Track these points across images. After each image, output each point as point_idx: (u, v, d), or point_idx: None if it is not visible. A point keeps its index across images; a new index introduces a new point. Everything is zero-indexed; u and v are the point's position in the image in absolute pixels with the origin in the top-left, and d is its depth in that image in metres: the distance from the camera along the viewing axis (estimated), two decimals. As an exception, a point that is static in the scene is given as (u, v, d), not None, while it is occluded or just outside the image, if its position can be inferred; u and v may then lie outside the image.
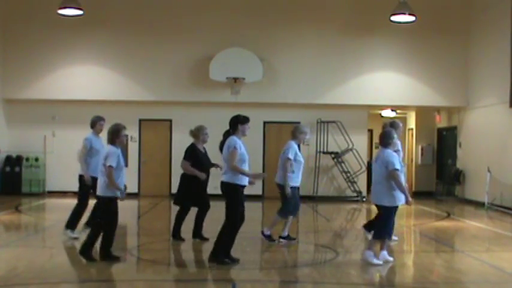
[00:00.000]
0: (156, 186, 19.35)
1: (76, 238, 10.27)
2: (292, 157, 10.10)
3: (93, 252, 8.67)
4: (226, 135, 8.69)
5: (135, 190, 18.86)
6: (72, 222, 10.45)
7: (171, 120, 19.58)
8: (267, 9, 18.97)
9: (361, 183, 19.51)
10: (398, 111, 21.62)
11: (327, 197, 19.30)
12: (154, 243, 10.68)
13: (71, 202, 11.18)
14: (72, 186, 17.86)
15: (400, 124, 10.50)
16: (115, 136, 8.59)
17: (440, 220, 14.65)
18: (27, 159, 19.05)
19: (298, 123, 14.85)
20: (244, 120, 8.65)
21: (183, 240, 10.42)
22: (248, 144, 8.84)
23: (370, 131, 22.38)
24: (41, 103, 19.09)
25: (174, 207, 10.74)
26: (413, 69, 19.07)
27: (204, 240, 10.39)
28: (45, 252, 9.88)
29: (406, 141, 22.04)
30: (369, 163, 20.75)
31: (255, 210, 16.13)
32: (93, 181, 9.79)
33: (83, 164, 10.29)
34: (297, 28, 18.91)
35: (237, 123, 8.60)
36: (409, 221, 14.23)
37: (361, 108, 19.58)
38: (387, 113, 21.51)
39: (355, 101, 19.04)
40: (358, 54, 18.97)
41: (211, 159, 10.65)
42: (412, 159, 22.08)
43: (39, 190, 19.00)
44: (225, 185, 8.49)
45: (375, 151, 23.14)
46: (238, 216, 8.47)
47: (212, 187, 10.49)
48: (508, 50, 16.32)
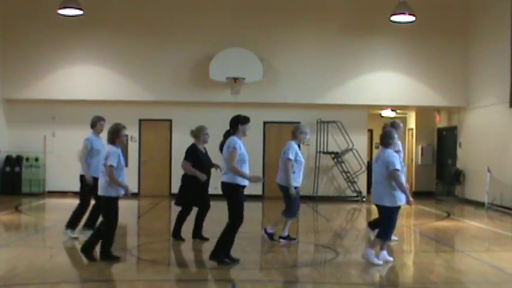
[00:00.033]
0: (156, 186, 19.35)
1: (76, 238, 10.28)
2: (292, 157, 10.07)
3: (94, 252, 8.68)
4: (227, 135, 8.68)
5: (135, 190, 18.86)
6: (73, 222, 10.46)
7: (171, 120, 19.58)
8: (267, 9, 18.98)
9: (361, 183, 19.51)
10: (398, 111, 21.62)
11: (327, 197, 19.30)
12: (154, 243, 10.68)
13: (71, 202, 11.20)
14: (72, 186, 18.01)
15: (401, 124, 10.48)
16: (115, 136, 8.60)
17: (440, 220, 14.65)
18: (27, 159, 19.05)
19: (298, 123, 14.84)
20: (245, 120, 8.64)
21: (183, 240, 10.42)
22: (248, 144, 8.84)
23: (370, 131, 22.38)
24: (41, 103, 19.09)
25: (174, 207, 10.74)
26: (413, 69, 19.07)
27: (204, 240, 10.39)
28: (45, 252, 9.87)
29: (406, 141, 22.03)
30: (369, 163, 20.74)
31: (255, 210, 16.14)
32: (94, 181, 9.78)
33: (84, 164, 10.28)
34: (297, 28, 18.92)
35: (238, 124, 8.59)
36: (409, 221, 14.22)
37: (361, 108, 19.58)
38: (387, 113, 21.50)
39: (355, 101, 19.05)
40: (358, 54, 18.98)
41: (212, 160, 10.65)
42: (412, 159, 22.08)
43: (39, 190, 19.00)
44: (225, 186, 8.49)
45: (375, 151, 23.13)
46: (241, 216, 8.48)
47: (212, 187, 10.49)
48: (508, 50, 16.32)
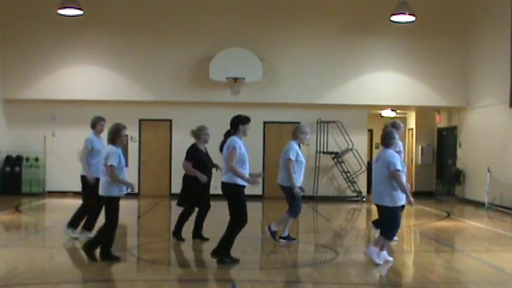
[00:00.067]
0: (156, 186, 19.35)
1: (76, 238, 10.28)
2: (293, 158, 10.06)
3: (95, 251, 8.70)
4: (227, 135, 8.68)
5: (135, 190, 18.81)
6: (74, 222, 10.42)
7: (171, 120, 19.58)
8: (267, 9, 18.98)
9: (361, 183, 19.51)
10: (398, 111, 21.62)
11: (327, 197, 19.30)
12: (154, 243, 10.68)
13: (71, 202, 11.22)
14: (72, 186, 18.12)
15: (402, 125, 10.48)
16: (115, 136, 8.61)
17: (440, 220, 14.65)
18: (27, 159, 19.05)
19: (298, 123, 14.84)
20: (245, 120, 8.64)
21: (183, 240, 10.42)
22: (248, 144, 8.83)
23: (370, 131, 22.38)
24: (41, 103, 19.09)
25: (174, 207, 10.73)
26: (413, 69, 19.07)
27: (204, 240, 10.39)
28: (45, 252, 9.87)
29: (406, 141, 22.03)
30: (369, 163, 20.73)
31: (255, 210, 16.14)
32: (95, 182, 9.73)
33: (85, 164, 10.26)
34: (297, 28, 18.91)
35: (238, 124, 8.58)
36: (409, 221, 14.21)
37: (361, 108, 19.58)
38: (387, 113, 21.50)
39: (355, 101, 19.04)
40: (358, 54, 18.98)
41: (212, 160, 10.64)
42: (412, 159, 22.08)
43: (39, 190, 19.00)
44: (225, 186, 8.49)
45: (375, 151, 23.13)
46: (245, 217, 8.47)
47: (212, 187, 10.47)
48: (508, 50, 16.31)
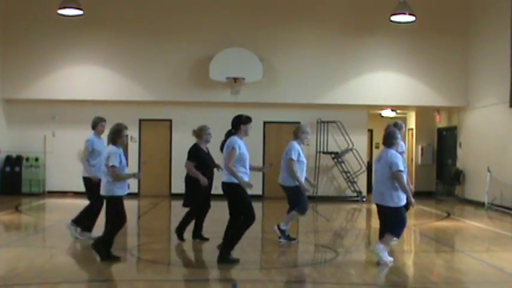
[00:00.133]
0: (156, 186, 19.34)
1: (77, 238, 10.27)
2: (295, 158, 10.07)
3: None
4: (228, 134, 8.69)
5: (135, 190, 18.85)
6: (79, 220, 10.39)
7: (171, 120, 19.58)
8: (267, 9, 18.98)
9: (361, 183, 19.51)
10: (398, 111, 21.61)
11: (327, 197, 19.29)
12: (154, 243, 10.68)
13: (71, 202, 11.21)
14: (72, 186, 18.17)
15: (403, 125, 10.49)
16: (116, 136, 8.62)
17: (440, 220, 14.65)
18: (27, 159, 19.05)
19: (298, 123, 14.85)
20: (247, 120, 8.66)
21: (183, 240, 10.41)
22: (248, 144, 8.83)
23: (370, 131, 22.37)
24: (41, 103, 19.09)
25: (174, 207, 10.76)
26: (413, 69, 19.07)
27: (204, 240, 10.39)
28: (45, 252, 9.88)
29: (406, 141, 22.03)
30: (369, 163, 20.74)
31: (255, 210, 16.07)
32: (98, 182, 9.67)
33: (86, 165, 10.23)
34: (297, 28, 18.91)
35: (240, 123, 8.60)
36: (409, 221, 14.18)
37: (361, 108, 19.58)
38: (387, 113, 21.49)
39: (355, 101, 19.04)
40: (358, 54, 18.98)
41: (214, 160, 10.63)
42: (412, 159, 22.07)
43: (39, 190, 19.00)
44: (225, 185, 8.51)
45: (375, 151, 23.14)
46: (251, 213, 8.54)
47: (213, 187, 10.47)
48: (508, 50, 16.31)
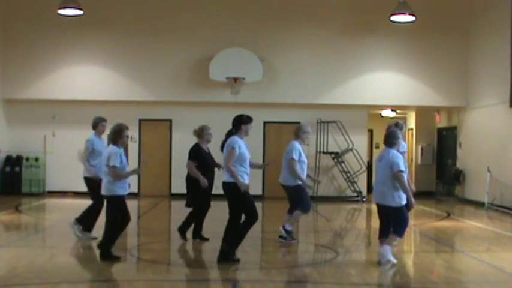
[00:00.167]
0: (156, 186, 19.33)
1: (79, 237, 10.26)
2: (296, 158, 10.10)
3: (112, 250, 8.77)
4: (229, 134, 8.69)
5: (135, 190, 18.85)
6: (82, 220, 10.40)
7: (171, 120, 19.58)
8: (266, 9, 18.97)
9: (361, 183, 19.51)
10: (398, 111, 21.61)
11: (327, 197, 19.28)
12: (154, 243, 10.68)
13: (71, 202, 11.21)
14: (72, 186, 18.17)
15: (404, 125, 10.49)
16: (117, 136, 8.62)
17: (440, 220, 14.65)
18: (27, 159, 19.04)
19: (298, 123, 14.83)
20: (248, 120, 8.66)
21: (186, 239, 10.40)
22: (248, 144, 8.83)
23: (370, 131, 22.37)
24: (41, 103, 19.09)
25: (174, 207, 10.75)
26: (413, 69, 19.06)
27: (204, 240, 10.39)
28: (45, 252, 9.88)
29: (406, 141, 22.00)
30: (369, 163, 20.75)
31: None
32: (99, 182, 9.65)
33: (86, 165, 10.22)
34: (297, 28, 18.90)
35: (240, 123, 8.60)
36: (410, 221, 14.19)
37: (361, 108, 19.57)
38: (387, 113, 21.49)
39: (355, 101, 19.03)
40: (358, 54, 18.97)
41: (215, 159, 10.62)
42: (412, 159, 22.07)
43: (39, 190, 18.99)
44: (226, 185, 8.51)
45: (375, 151, 23.15)
46: (254, 211, 8.54)
47: (214, 187, 10.46)
48: (508, 50, 16.31)
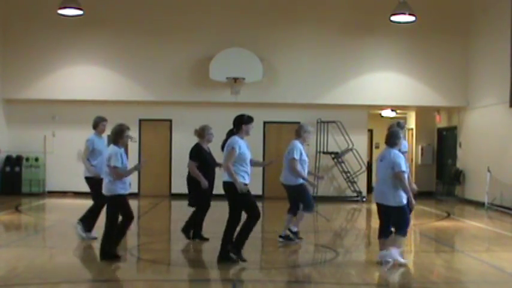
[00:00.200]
0: (156, 186, 19.33)
1: (83, 237, 10.26)
2: (297, 157, 10.11)
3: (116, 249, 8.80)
4: (230, 134, 8.69)
5: (135, 190, 18.84)
6: (86, 220, 10.41)
7: (171, 120, 19.58)
8: (267, 9, 18.98)
9: (361, 183, 19.50)
10: (398, 111, 21.61)
11: (327, 197, 19.28)
12: (154, 243, 10.68)
13: (71, 202, 11.20)
14: (72, 186, 18.19)
15: (405, 125, 10.50)
16: (118, 137, 8.64)
17: (440, 220, 14.65)
18: (27, 159, 19.04)
19: (298, 123, 14.81)
20: (249, 120, 8.67)
21: (190, 239, 10.40)
22: (248, 144, 8.83)
23: (370, 131, 22.37)
24: (41, 103, 19.08)
25: (174, 207, 10.75)
26: (413, 69, 19.06)
27: (203, 240, 10.39)
28: (45, 252, 9.88)
29: (406, 141, 22.00)
30: (369, 163, 20.75)
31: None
32: (98, 182, 9.58)
33: (87, 164, 10.22)
34: (296, 28, 18.90)
35: (241, 124, 8.60)
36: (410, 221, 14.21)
37: (361, 108, 19.57)
38: (387, 113, 21.49)
39: (355, 101, 19.03)
40: (358, 54, 18.97)
41: (215, 159, 10.62)
42: (412, 159, 22.07)
43: (39, 190, 18.99)
44: (226, 185, 8.52)
45: (375, 151, 23.15)
46: (256, 209, 8.59)
47: (215, 187, 10.45)
48: (508, 50, 16.30)
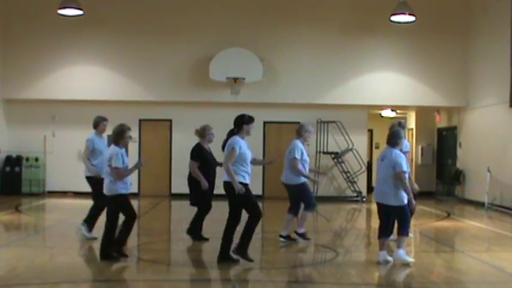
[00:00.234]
0: (156, 186, 19.33)
1: (87, 238, 10.23)
2: (298, 157, 10.14)
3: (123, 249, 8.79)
4: (230, 134, 8.69)
5: (135, 190, 18.83)
6: (90, 219, 10.39)
7: (171, 120, 19.58)
8: (266, 9, 18.97)
9: (361, 183, 19.50)
10: (398, 111, 21.61)
11: (327, 197, 19.27)
12: (154, 243, 10.68)
13: (71, 202, 11.19)
14: (72, 186, 18.20)
15: (406, 125, 10.52)
16: (119, 137, 8.65)
17: (440, 220, 14.65)
18: (27, 159, 19.04)
19: (298, 123, 14.82)
20: (249, 120, 8.67)
21: (196, 240, 10.39)
22: (248, 144, 8.83)
23: (370, 131, 22.37)
24: (41, 103, 19.08)
25: (174, 207, 10.74)
26: (413, 69, 19.06)
27: (203, 240, 10.39)
28: (45, 252, 9.88)
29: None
30: (369, 163, 20.74)
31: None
32: (100, 182, 9.53)
33: (87, 164, 10.22)
34: (297, 28, 18.90)
35: (242, 123, 8.60)
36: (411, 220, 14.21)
37: (361, 108, 19.57)
38: (387, 113, 21.49)
39: (355, 101, 19.03)
40: (358, 54, 18.97)
41: (216, 159, 10.62)
42: (412, 159, 22.07)
43: (39, 190, 18.99)
44: (227, 184, 8.52)
45: (375, 151, 23.15)
46: (257, 208, 8.63)
47: (215, 187, 10.45)
48: (508, 50, 16.31)
